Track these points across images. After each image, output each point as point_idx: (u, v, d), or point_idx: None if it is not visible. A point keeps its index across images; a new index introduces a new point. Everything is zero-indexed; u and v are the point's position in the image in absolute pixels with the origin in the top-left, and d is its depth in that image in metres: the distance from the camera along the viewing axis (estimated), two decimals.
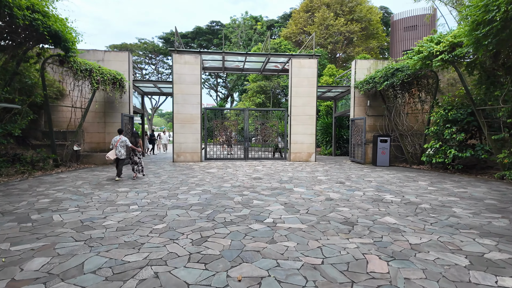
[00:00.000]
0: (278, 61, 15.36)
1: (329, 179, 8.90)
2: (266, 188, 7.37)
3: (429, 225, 4.53)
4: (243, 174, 9.95)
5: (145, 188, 7.35)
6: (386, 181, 8.75)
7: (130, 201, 5.94)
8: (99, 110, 13.12)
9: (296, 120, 14.25)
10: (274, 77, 25.75)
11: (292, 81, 14.18)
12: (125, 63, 13.28)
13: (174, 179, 8.70)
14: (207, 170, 10.95)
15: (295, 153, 14.28)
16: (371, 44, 24.40)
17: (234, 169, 11.18)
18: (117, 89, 12.07)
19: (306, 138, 14.31)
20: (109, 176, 9.34)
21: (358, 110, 14.51)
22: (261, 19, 33.51)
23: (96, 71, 10.72)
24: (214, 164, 12.86)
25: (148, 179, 8.70)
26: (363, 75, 14.41)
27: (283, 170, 11.08)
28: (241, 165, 12.53)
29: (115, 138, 8.84)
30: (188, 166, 12.22)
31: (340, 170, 11.29)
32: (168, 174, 9.74)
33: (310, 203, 5.86)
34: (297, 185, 7.87)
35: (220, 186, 7.68)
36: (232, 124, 14.83)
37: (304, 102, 14.25)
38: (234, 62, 16.04)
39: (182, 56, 13.58)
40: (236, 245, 3.66)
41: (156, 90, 17.25)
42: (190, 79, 13.65)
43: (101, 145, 13.24)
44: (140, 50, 39.77)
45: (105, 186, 7.53)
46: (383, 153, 12.83)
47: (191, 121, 13.70)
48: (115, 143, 8.76)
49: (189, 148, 13.74)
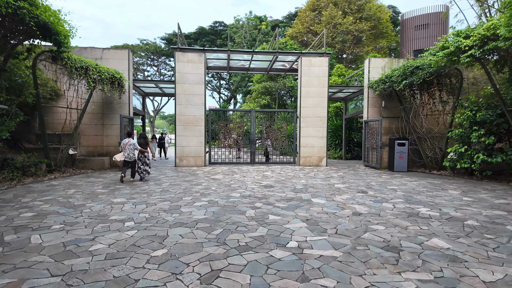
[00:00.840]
0: (286, 60, 14.55)
1: (348, 188, 8.02)
2: (281, 199, 6.51)
3: (492, 251, 3.66)
4: (252, 181, 9.09)
5: (144, 198, 6.52)
6: (411, 189, 7.86)
7: (125, 216, 5.10)
8: (96, 111, 12.34)
9: (306, 122, 13.40)
10: (279, 77, 24.94)
11: (302, 80, 13.35)
12: (124, 62, 12.51)
13: (177, 187, 7.86)
14: (212, 176, 10.11)
15: (305, 157, 13.41)
16: (380, 43, 23.57)
17: (241, 175, 10.33)
18: (116, 88, 11.28)
19: (317, 141, 13.45)
20: (105, 183, 8.52)
21: (372, 112, 13.64)
22: (266, 19, 32.78)
23: (93, 69, 9.94)
24: (219, 169, 12.02)
25: (148, 187, 7.87)
26: (377, 74, 13.55)
27: (294, 176, 10.22)
28: (248, 170, 11.68)
29: (124, 141, 8.81)
30: (191, 171, 11.39)
31: (356, 176, 10.41)
32: (170, 181, 8.90)
33: (336, 220, 4.99)
34: (314, 195, 7.01)
35: (228, 196, 6.83)
36: (238, 126, 13.99)
37: (314, 102, 13.40)
38: (240, 61, 15.25)
39: (185, 54, 12.80)
40: (258, 284, 2.81)
41: (157, 90, 16.47)
42: (194, 79, 12.86)
43: (99, 148, 12.44)
44: (142, 51, 39.17)
45: (99, 196, 6.71)
46: (401, 158, 11.93)
47: (194, 123, 12.89)
48: (124, 145, 8.75)
49: (192, 152, 12.92)
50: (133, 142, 8.87)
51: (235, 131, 13.79)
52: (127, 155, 8.68)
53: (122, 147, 8.78)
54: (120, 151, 8.85)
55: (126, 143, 8.74)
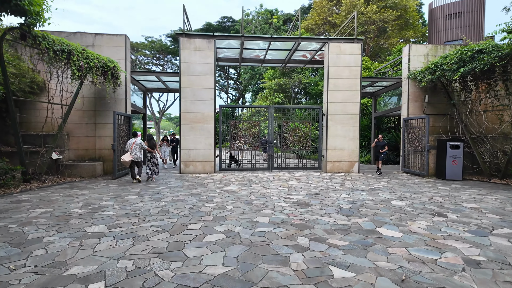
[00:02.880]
0: (308, 48, 12.49)
1: (412, 206, 5.89)
2: (332, 229, 4.43)
3: None
4: (278, 194, 7.03)
5: (133, 226, 4.51)
6: (500, 209, 5.70)
7: (94, 267, 3.09)
8: (87, 108, 10.45)
9: (334, 120, 11.29)
10: (294, 73, 22.88)
11: (330, 71, 11.26)
12: (120, 50, 10.61)
13: (180, 206, 5.84)
14: (225, 186, 8.08)
15: (332, 162, 11.30)
16: (407, 35, 21.33)
17: (261, 185, 8.28)
18: (109, 80, 9.37)
19: (347, 143, 11.33)
20: (89, 198, 6.56)
21: (413, 108, 11.46)
22: (277, 13, 30.77)
23: (78, 54, 8.04)
24: (232, 177, 9.99)
25: (142, 205, 5.87)
26: (419, 63, 11.39)
27: (328, 187, 8.12)
28: (267, 179, 9.62)
29: (131, 141, 8.89)
30: (199, 179, 9.38)
31: (406, 187, 8.26)
32: (172, 195, 6.90)
33: (450, 279, 2.89)
34: (376, 220, 4.91)
35: (253, 221, 4.78)
36: (254, 126, 11.96)
37: (344, 97, 11.29)
38: (254, 51, 13.24)
39: (191, 41, 10.84)
40: None
41: (160, 85, 14.54)
42: (202, 69, 10.89)
43: (90, 152, 10.54)
44: (147, 50, 37.56)
45: (71, 222, 4.73)
46: (454, 163, 9.73)
47: (202, 121, 10.90)
48: (130, 145, 8.78)
49: (200, 156, 10.93)
50: (139, 141, 8.88)
51: (250, 131, 11.76)
52: (134, 154, 8.69)
53: (129, 147, 8.78)
54: (126, 151, 8.83)
55: (133, 143, 8.78)
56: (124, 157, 8.60)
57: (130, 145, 8.79)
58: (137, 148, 8.79)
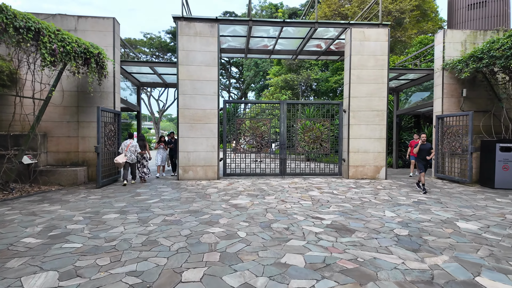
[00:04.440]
0: (324, 36, 10.91)
1: (492, 232, 4.29)
2: (408, 280, 2.84)
3: None
4: (301, 211, 5.44)
5: (97, 280, 2.94)
6: None
7: None
8: (69, 103, 8.91)
9: (357, 118, 9.71)
10: (302, 68, 21.33)
11: (352, 61, 9.68)
12: (108, 35, 9.06)
13: (174, 231, 4.26)
14: (232, 199, 6.50)
15: (355, 167, 9.70)
16: (425, 27, 19.74)
17: (277, 197, 6.70)
18: (93, 69, 7.82)
19: (372, 145, 9.74)
20: (55, 218, 5.00)
21: (448, 103, 9.88)
22: (282, 7, 29.22)
23: (50, 35, 6.48)
24: (239, 185, 8.42)
25: (123, 231, 4.30)
26: (455, 52, 9.81)
27: (361, 199, 6.53)
28: (282, 187, 8.05)
29: (126, 142, 8.66)
30: (200, 188, 7.81)
31: (458, 199, 6.66)
32: (164, 213, 5.33)
33: None
34: (462, 261, 3.31)
35: (280, 264, 3.19)
36: (264, 124, 10.39)
37: (369, 91, 9.71)
38: (263, 41, 11.67)
39: (191, 25, 9.29)
40: None
41: (156, 79, 12.98)
42: (203, 59, 9.34)
43: (73, 155, 8.98)
44: (146, 47, 36.07)
45: (7, 264, 3.16)
46: (506, 169, 8.13)
47: (204, 119, 9.34)
48: (125, 147, 8.56)
49: (201, 160, 9.36)
50: (134, 144, 8.78)
51: (258, 130, 10.19)
52: (129, 156, 8.52)
53: (123, 149, 8.54)
54: (120, 153, 8.56)
55: (128, 145, 8.60)
56: (118, 159, 8.25)
57: (125, 147, 8.54)
58: (132, 150, 8.61)
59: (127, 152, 8.50)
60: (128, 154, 8.50)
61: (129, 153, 8.52)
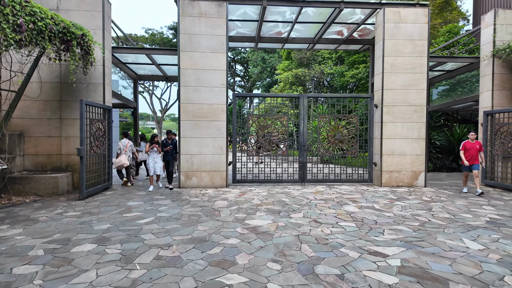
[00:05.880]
0: (348, 20, 9.38)
1: None
2: None
3: None
4: (346, 237, 3.95)
5: None
6: None
7: None
8: (50, 97, 7.48)
9: (391, 114, 8.19)
10: (314, 63, 19.81)
11: (386, 46, 8.16)
12: (96, 16, 7.62)
13: (171, 280, 2.79)
14: (248, 218, 5.01)
15: (390, 172, 8.18)
16: (449, 17, 18.13)
17: (304, 214, 5.21)
18: (74, 54, 6.37)
19: (410, 146, 8.21)
20: (11, 246, 3.55)
21: (499, 97, 8.34)
22: None
23: (15, 6, 5.04)
24: (253, 195, 6.93)
25: (92, 282, 2.83)
26: (509, 36, 8.25)
27: (415, 219, 5.02)
28: (306, 199, 6.55)
29: (124, 142, 8.23)
30: (206, 201, 6.34)
31: None
32: (159, 242, 3.85)
33: None
34: None
35: None
36: (280, 122, 8.88)
37: (405, 82, 8.19)
38: (277, 27, 10.16)
39: (195, 4, 7.83)
40: None
41: (156, 71, 11.50)
42: (209, 44, 7.87)
43: (55, 158, 7.55)
44: (148, 44, 34.71)
45: None
46: None
47: (210, 116, 7.88)
48: (124, 147, 8.14)
49: (207, 164, 7.90)
50: (131, 143, 8.46)
51: (273, 128, 8.70)
52: (128, 157, 8.18)
53: (123, 150, 8.13)
54: (119, 154, 8.12)
55: (127, 144, 8.25)
56: (122, 159, 7.83)
57: (125, 147, 8.19)
58: (130, 150, 8.35)
59: (127, 152, 8.23)
60: (127, 154, 8.21)
61: (128, 153, 8.24)
